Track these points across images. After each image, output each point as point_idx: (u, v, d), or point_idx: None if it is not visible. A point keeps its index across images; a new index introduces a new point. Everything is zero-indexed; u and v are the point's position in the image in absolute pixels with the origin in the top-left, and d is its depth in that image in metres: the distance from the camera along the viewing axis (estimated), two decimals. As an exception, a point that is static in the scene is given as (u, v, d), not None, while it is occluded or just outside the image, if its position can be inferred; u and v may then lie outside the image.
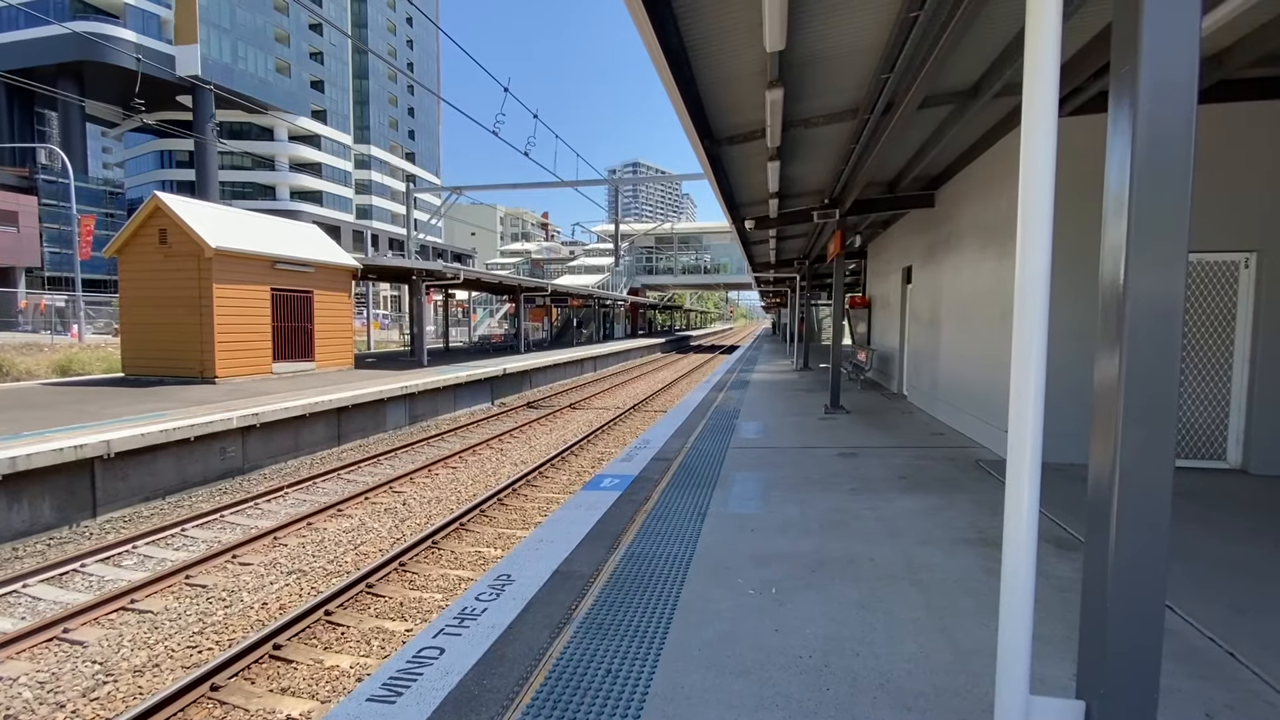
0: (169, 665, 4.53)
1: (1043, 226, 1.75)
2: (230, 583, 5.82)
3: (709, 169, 6.60)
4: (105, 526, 7.37)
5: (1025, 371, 1.77)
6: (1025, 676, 1.82)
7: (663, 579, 3.55)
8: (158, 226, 12.90)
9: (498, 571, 3.70)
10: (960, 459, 6.44)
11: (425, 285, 19.72)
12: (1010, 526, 1.82)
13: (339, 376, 14.51)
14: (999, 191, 6.72)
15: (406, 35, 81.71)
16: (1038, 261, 1.74)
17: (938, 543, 4.06)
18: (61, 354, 18.04)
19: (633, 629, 2.98)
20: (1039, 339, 1.76)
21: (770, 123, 5.06)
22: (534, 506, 7.98)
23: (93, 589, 5.78)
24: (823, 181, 8.56)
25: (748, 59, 4.34)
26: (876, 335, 15.15)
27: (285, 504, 8.18)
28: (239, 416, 9.14)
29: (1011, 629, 1.81)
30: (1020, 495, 1.80)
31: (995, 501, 4.95)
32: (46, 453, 6.90)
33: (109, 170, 76.26)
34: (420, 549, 6.48)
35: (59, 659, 4.60)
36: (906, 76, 4.65)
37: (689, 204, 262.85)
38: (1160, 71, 1.67)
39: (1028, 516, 1.79)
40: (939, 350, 9.03)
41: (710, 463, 6.45)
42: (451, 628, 3.02)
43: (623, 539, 4.23)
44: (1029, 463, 1.78)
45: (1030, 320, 1.76)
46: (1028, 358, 1.76)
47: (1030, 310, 1.76)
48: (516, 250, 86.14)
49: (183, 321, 12.72)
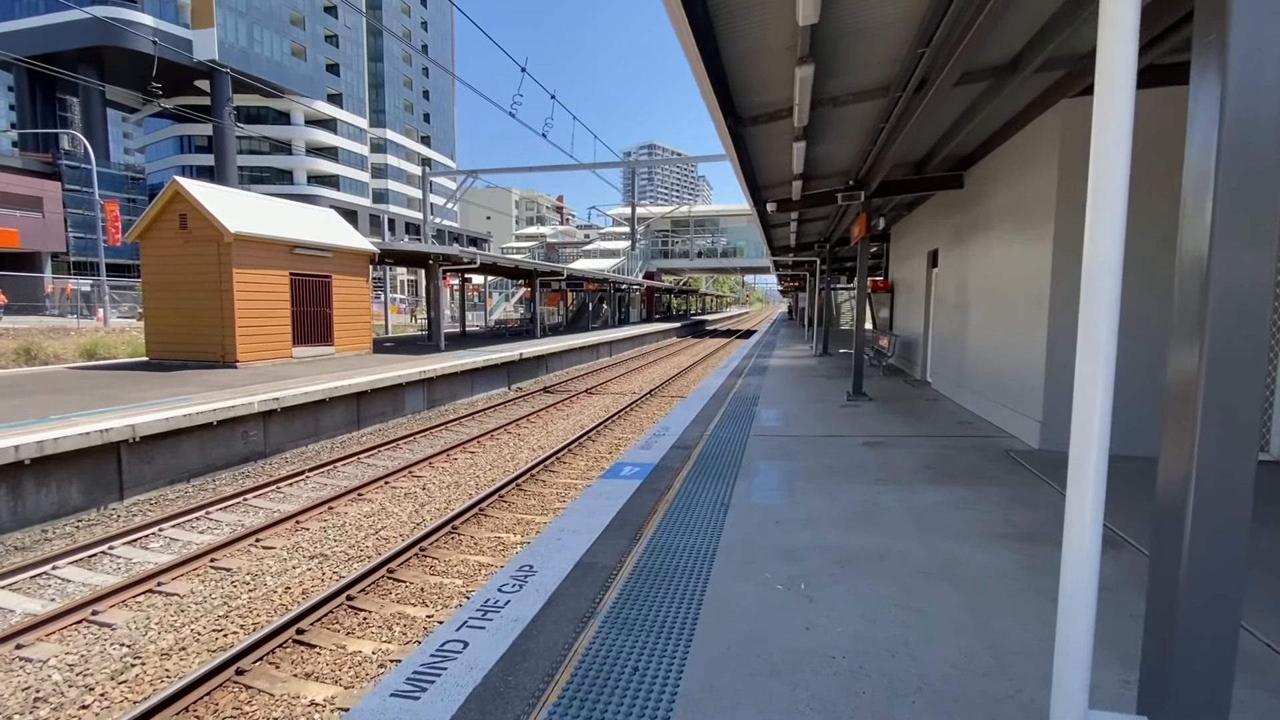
0: (195, 649, 4.57)
1: (1116, 209, 1.60)
2: (254, 566, 5.87)
3: (732, 149, 6.40)
4: (132, 509, 7.48)
5: (1094, 363, 1.63)
6: (1084, 689, 1.71)
7: (687, 572, 3.48)
8: (178, 212, 12.98)
9: (520, 562, 3.65)
10: (989, 449, 6.27)
11: (442, 270, 19.72)
12: (1072, 528, 1.69)
13: (357, 361, 14.59)
14: (1035, 172, 6.45)
15: (421, 17, 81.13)
16: (1109, 247, 1.60)
17: (971, 537, 3.93)
18: (88, 338, 18.36)
19: (659, 625, 2.91)
20: (1109, 328, 1.61)
21: (799, 101, 4.86)
22: (553, 492, 7.96)
23: (120, 571, 5.87)
24: (848, 162, 8.31)
25: (777, 32, 4.15)
26: (899, 320, 14.86)
27: (306, 488, 8.25)
28: (260, 401, 9.21)
29: (1071, 637, 1.70)
30: (1084, 496, 1.67)
31: (1028, 494, 4.80)
32: (73, 436, 6.99)
33: (130, 156, 77.18)
34: (440, 534, 6.49)
35: (88, 641, 4.67)
36: (943, 51, 4.43)
37: (705, 186, 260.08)
38: (1251, 40, 1.50)
39: (1091, 518, 1.66)
40: (966, 336, 8.80)
41: (731, 451, 6.35)
42: (475, 620, 2.97)
43: (645, 530, 4.16)
44: (1094, 462, 1.65)
45: (1100, 308, 1.62)
46: (1096, 349, 1.62)
47: (1100, 297, 1.62)
48: (531, 234, 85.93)
49: (204, 306, 12.83)
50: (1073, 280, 5.89)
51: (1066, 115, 5.71)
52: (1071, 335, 1.53)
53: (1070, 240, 5.88)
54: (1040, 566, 3.49)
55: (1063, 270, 5.91)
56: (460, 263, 18.75)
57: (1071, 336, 1.63)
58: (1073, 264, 5.89)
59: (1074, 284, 5.90)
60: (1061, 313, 5.93)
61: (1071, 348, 1.47)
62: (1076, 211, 5.83)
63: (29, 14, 49.71)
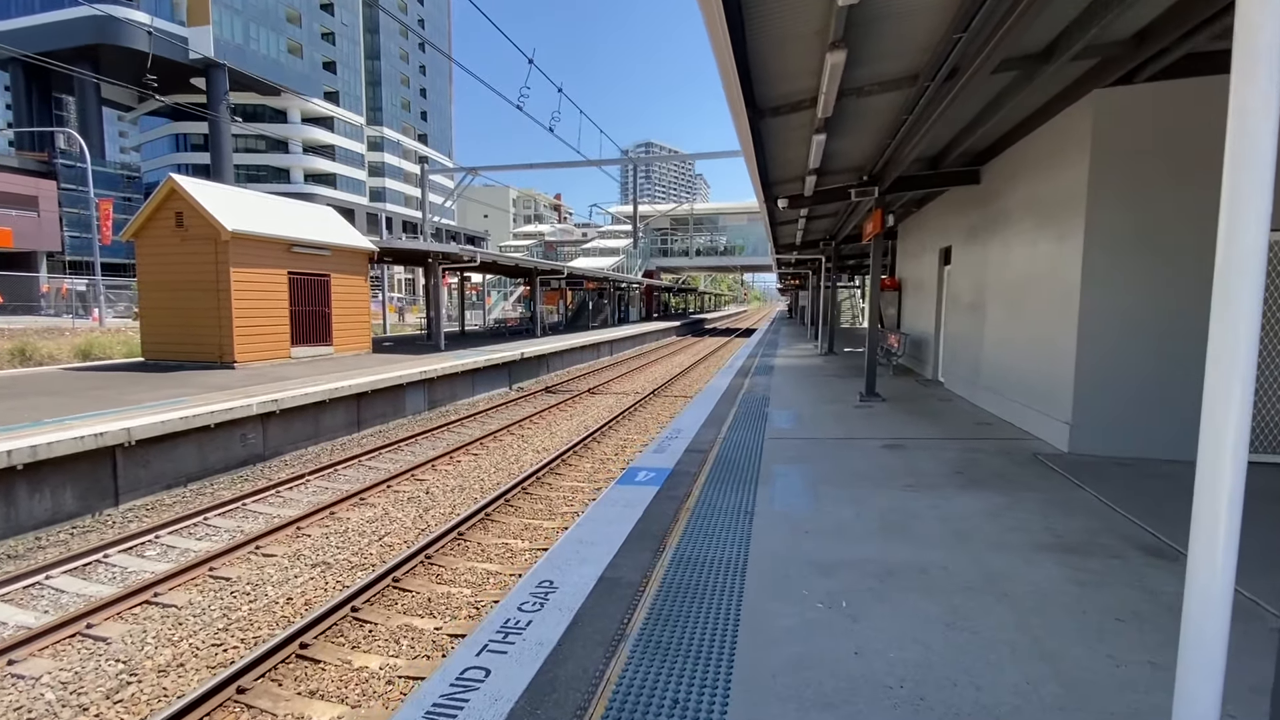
0: (194, 664, 4.36)
1: (1260, 196, 1.38)
2: (254, 575, 5.66)
3: (750, 143, 6.18)
4: (128, 515, 7.25)
5: (1229, 366, 1.41)
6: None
7: (718, 589, 3.27)
8: (174, 209, 12.72)
9: (538, 577, 3.43)
10: (1015, 451, 6.06)
11: (441, 268, 19.47)
12: (1199, 555, 1.47)
13: (357, 361, 14.35)
14: (1062, 167, 6.24)
15: (418, 14, 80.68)
16: (1251, 239, 1.38)
17: (1013, 548, 3.73)
18: (82, 338, 18.08)
19: (695, 649, 2.70)
20: (1249, 327, 1.39)
21: (825, 89, 4.64)
22: (559, 496, 7.75)
23: (116, 581, 5.65)
24: (864, 157, 8.09)
25: (810, 16, 3.93)
26: (907, 318, 14.66)
27: (307, 492, 8.03)
28: (259, 402, 8.98)
29: (1196, 688, 1.49)
30: (1215, 518, 1.44)
31: (1065, 500, 4.60)
32: (67, 440, 6.76)
33: (126, 154, 76.66)
34: (446, 540, 6.29)
35: (82, 657, 4.46)
36: (979, 37, 4.22)
37: (703, 185, 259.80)
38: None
39: (1225, 542, 1.44)
40: (983, 335, 8.60)
41: (748, 455, 6.15)
42: (495, 644, 2.76)
43: (668, 541, 3.95)
44: (1229, 480, 1.43)
45: (1240, 304, 1.40)
46: (1234, 350, 1.40)
47: (1238, 293, 1.40)
48: (529, 232, 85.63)
49: (201, 306, 12.57)
50: (1107, 278, 5.68)
51: (1099, 106, 5.50)
52: (1104, 334, 1.38)
53: (1104, 237, 5.66)
54: (1093, 581, 3.29)
55: (1094, 268, 5.70)
56: (460, 261, 18.50)
57: (1104, 335, 1.44)
58: (1106, 261, 5.68)
59: (1108, 282, 5.70)
60: (1093, 312, 5.70)
61: (1104, 347, 1.33)
62: (1111, 205, 5.63)
63: (24, 13, 49.27)
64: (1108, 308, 5.65)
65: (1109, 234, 5.64)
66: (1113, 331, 5.63)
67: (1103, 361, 5.65)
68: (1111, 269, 5.65)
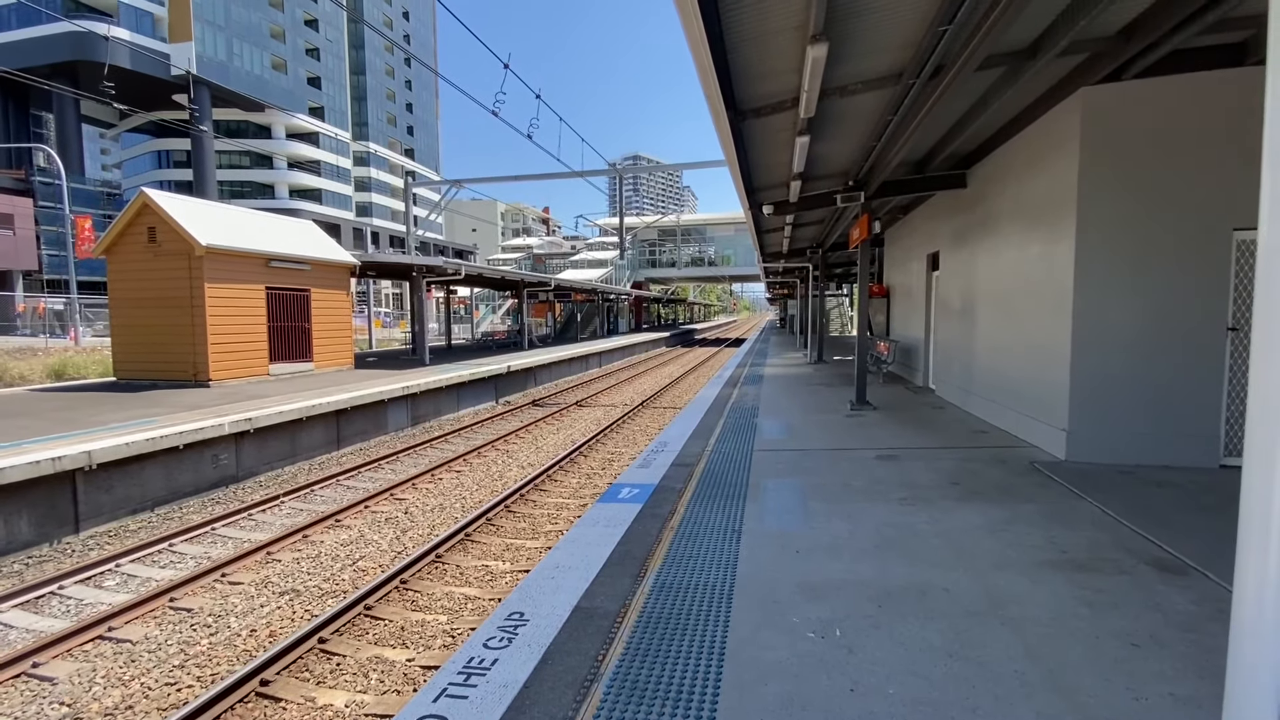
0: (143, 706, 4.05)
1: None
2: (217, 605, 5.34)
3: (731, 145, 6.02)
4: (88, 542, 6.90)
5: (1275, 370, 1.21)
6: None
7: (702, 618, 3.03)
8: (146, 225, 12.39)
9: (509, 609, 3.18)
10: (1012, 460, 5.88)
11: (427, 282, 19.18)
12: (1248, 569, 1.26)
13: (338, 377, 14.01)
14: (1050, 167, 6.11)
15: (404, 30, 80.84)
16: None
17: (1017, 566, 3.52)
18: (56, 358, 17.61)
19: (674, 689, 2.46)
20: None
21: (807, 87, 4.48)
22: (543, 514, 7.48)
23: (69, 614, 5.32)
24: (849, 161, 7.96)
25: (786, 9, 3.77)
26: (896, 325, 14.55)
27: (280, 514, 7.70)
28: (231, 422, 8.65)
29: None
30: (1267, 530, 1.23)
31: (1067, 512, 4.40)
32: (22, 466, 6.42)
33: (107, 172, 75.85)
34: (423, 564, 6.00)
35: (24, 699, 4.14)
36: (963, 32, 4.08)
37: (690, 197, 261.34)
38: None
39: (1276, 557, 1.22)
40: (975, 340, 8.45)
41: (736, 468, 5.92)
42: (456, 686, 2.50)
43: (649, 564, 3.71)
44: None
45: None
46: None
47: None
48: (518, 245, 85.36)
49: (174, 323, 12.21)
50: (1100, 280, 5.54)
51: (1087, 104, 5.38)
52: (1100, 338, 1.24)
53: (1096, 237, 5.52)
54: (1103, 601, 3.08)
55: (1087, 270, 5.55)
56: (445, 274, 18.23)
57: (1100, 339, 1.27)
58: (1100, 263, 5.54)
59: (1101, 284, 5.55)
60: (1087, 315, 5.55)
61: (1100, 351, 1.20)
62: (1103, 207, 5.50)
63: (1, 29, 48.73)
64: (1103, 310, 5.50)
65: (1101, 235, 5.50)
66: (1108, 335, 5.48)
67: (1099, 366, 5.49)
68: (1105, 271, 5.51)
